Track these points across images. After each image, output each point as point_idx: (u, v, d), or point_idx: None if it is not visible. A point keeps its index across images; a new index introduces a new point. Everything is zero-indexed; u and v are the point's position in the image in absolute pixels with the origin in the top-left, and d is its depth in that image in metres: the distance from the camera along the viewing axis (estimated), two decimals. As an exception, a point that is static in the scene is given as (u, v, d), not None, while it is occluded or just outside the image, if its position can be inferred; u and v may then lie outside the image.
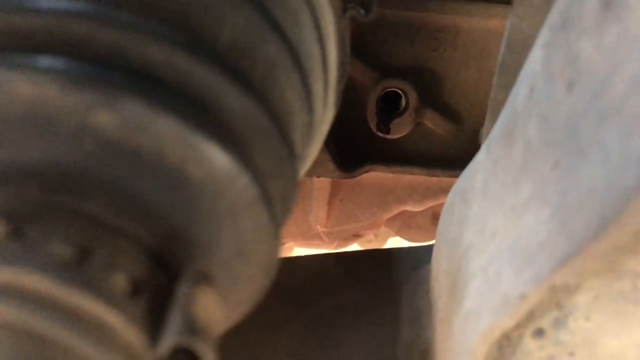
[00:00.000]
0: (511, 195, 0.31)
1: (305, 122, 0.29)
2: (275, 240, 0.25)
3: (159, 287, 0.22)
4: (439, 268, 0.40)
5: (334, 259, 0.53)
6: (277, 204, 0.26)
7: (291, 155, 0.26)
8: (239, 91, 0.23)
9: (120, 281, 0.21)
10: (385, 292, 0.49)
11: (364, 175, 0.71)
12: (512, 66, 0.37)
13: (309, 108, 0.29)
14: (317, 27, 0.30)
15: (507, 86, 0.37)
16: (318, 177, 0.69)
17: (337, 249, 0.85)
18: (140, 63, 0.21)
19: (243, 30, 0.24)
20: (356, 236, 0.82)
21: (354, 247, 0.90)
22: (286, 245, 0.84)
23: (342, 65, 0.35)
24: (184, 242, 0.24)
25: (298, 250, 0.91)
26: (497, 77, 0.38)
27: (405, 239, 0.85)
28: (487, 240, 0.32)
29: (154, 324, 0.21)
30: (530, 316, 0.28)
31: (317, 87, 0.31)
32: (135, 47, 0.21)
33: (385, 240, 0.94)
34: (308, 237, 0.82)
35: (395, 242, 0.94)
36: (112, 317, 0.20)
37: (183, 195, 0.23)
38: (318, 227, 0.81)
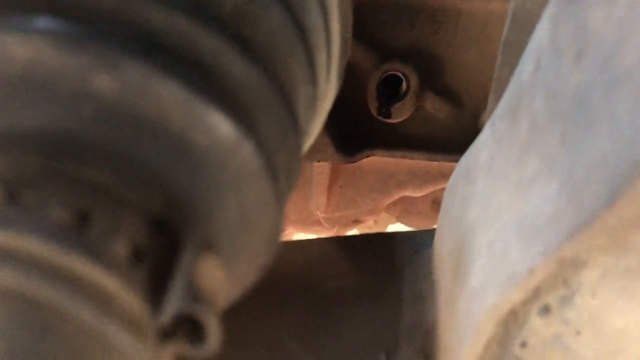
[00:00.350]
0: (517, 172, 0.31)
1: (309, 94, 0.29)
2: (279, 213, 0.25)
3: (161, 254, 0.22)
4: (443, 248, 0.39)
5: (335, 242, 0.52)
6: (282, 176, 0.26)
7: (296, 127, 0.26)
8: (243, 58, 0.23)
9: (121, 247, 0.20)
10: (387, 275, 0.48)
11: (364, 160, 0.70)
12: (516, 44, 0.37)
13: (313, 80, 0.29)
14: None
15: (511, 64, 0.37)
16: (318, 161, 0.68)
17: (337, 234, 0.84)
18: (143, 26, 0.21)
19: (246, -1, 0.24)
20: (356, 222, 0.82)
21: (354, 233, 0.90)
22: (286, 231, 0.84)
23: (344, 41, 0.34)
24: (187, 210, 0.23)
25: (298, 236, 0.91)
26: (501, 55, 0.38)
27: (406, 224, 0.85)
28: (492, 217, 0.31)
29: (155, 291, 0.21)
30: (537, 292, 0.28)
31: (321, 60, 0.30)
32: (137, 10, 0.20)
33: (385, 226, 0.94)
34: (308, 223, 0.82)
35: (396, 228, 0.94)
36: (112, 283, 0.20)
37: (186, 162, 0.22)
38: (318, 213, 0.80)
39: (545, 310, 0.29)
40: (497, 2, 0.61)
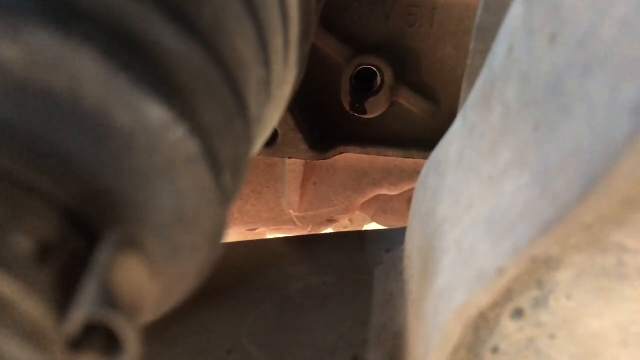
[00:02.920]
0: (488, 164, 0.28)
1: (261, 77, 0.26)
2: (222, 205, 0.22)
3: (73, 252, 0.19)
4: (412, 246, 0.37)
5: (303, 241, 0.50)
6: (226, 164, 0.23)
7: (243, 111, 0.23)
8: (179, 31, 0.20)
9: (23, 244, 0.18)
10: (357, 275, 0.46)
11: (338, 158, 0.69)
12: (490, 29, 0.35)
13: (266, 62, 0.26)
14: (276, -25, 0.27)
15: (485, 51, 0.35)
16: (290, 157, 0.66)
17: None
18: None
19: (187, -34, 0.21)
20: (330, 221, 0.80)
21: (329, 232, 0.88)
22: (258, 230, 0.82)
23: (306, 22, 0.32)
24: (109, 202, 0.20)
25: (271, 236, 0.89)
26: (474, 42, 0.36)
27: (381, 224, 0.83)
28: (462, 212, 0.29)
29: (63, 296, 0.18)
30: (508, 294, 0.26)
31: (276, 42, 0.28)
32: None
33: (361, 226, 0.92)
34: (280, 222, 0.80)
35: (372, 227, 0.92)
36: (7, 286, 0.17)
37: (107, 146, 0.20)
38: (291, 211, 0.78)
39: (518, 313, 0.27)
40: (473, -6, 0.59)
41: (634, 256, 0.25)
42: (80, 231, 0.20)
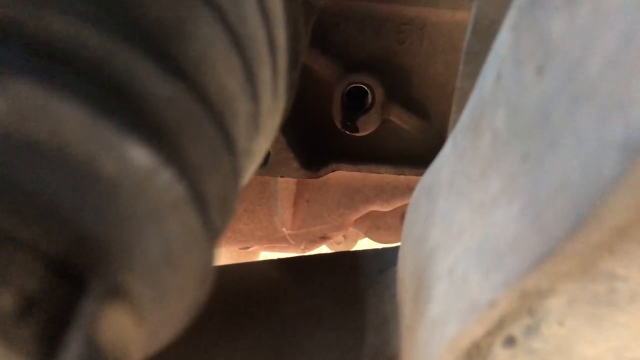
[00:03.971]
0: (479, 190, 0.28)
1: (250, 111, 0.26)
2: (210, 245, 0.22)
3: (58, 303, 0.18)
4: (405, 270, 0.37)
5: (295, 263, 0.50)
6: (214, 203, 0.23)
7: (230, 148, 0.23)
8: (163, 72, 0.20)
9: (6, 299, 0.17)
10: (350, 297, 0.46)
11: (330, 175, 0.69)
12: (479, 53, 0.35)
13: (253, 96, 0.26)
14: (262, 7, 0.27)
15: (474, 75, 0.35)
16: (282, 176, 0.66)
17: (304, 251, 0.82)
18: (40, 38, 0.18)
19: (172, 6, 0.21)
20: (323, 238, 0.80)
21: (322, 249, 0.88)
22: (251, 249, 0.81)
23: (294, 51, 0.32)
24: (95, 250, 0.20)
25: (264, 254, 0.88)
26: (463, 66, 0.36)
27: (374, 240, 0.83)
28: (453, 239, 0.29)
29: (46, 350, 0.17)
30: (500, 323, 0.26)
31: (264, 74, 0.28)
32: (33, 20, 0.17)
33: (354, 241, 0.92)
34: (273, 240, 0.79)
35: (365, 243, 0.92)
36: None
37: (92, 194, 0.19)
38: (284, 229, 0.78)
39: (510, 341, 0.26)
40: (463, 12, 0.59)
41: (625, 283, 0.25)
42: (65, 280, 0.19)
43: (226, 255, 0.88)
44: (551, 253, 0.21)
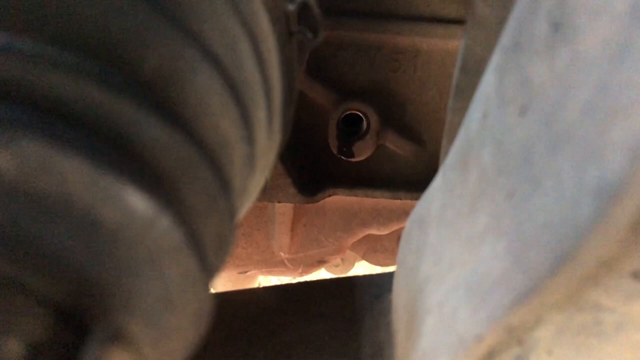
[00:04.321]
0: (467, 225, 0.29)
1: (246, 153, 0.27)
2: (207, 286, 0.23)
3: (63, 349, 0.19)
4: (398, 300, 0.38)
5: (292, 290, 0.51)
6: (211, 244, 0.24)
7: (226, 189, 0.24)
8: (163, 123, 0.21)
9: (13, 347, 0.18)
10: (347, 323, 0.47)
11: (327, 200, 0.70)
12: (467, 89, 0.36)
13: (249, 138, 0.27)
14: (257, 52, 0.28)
15: (463, 109, 0.36)
16: (279, 202, 0.67)
17: (301, 275, 0.83)
18: (45, 97, 0.19)
19: (170, 57, 0.22)
20: (321, 262, 0.80)
21: (321, 272, 0.88)
22: (249, 273, 0.82)
23: (289, 90, 0.33)
24: (97, 295, 0.21)
25: (262, 278, 0.89)
26: (452, 101, 0.37)
27: (372, 262, 0.84)
28: (443, 272, 0.30)
29: (54, 397, 0.18)
30: (489, 355, 0.26)
31: (260, 115, 0.29)
32: (38, 79, 0.19)
33: (352, 264, 0.92)
34: (271, 264, 0.80)
35: (363, 266, 0.92)
36: None
37: (95, 242, 0.20)
38: (281, 253, 0.79)
39: (500, 372, 0.27)
40: (455, 41, 0.61)
41: (611, 314, 0.26)
42: (69, 326, 0.20)
43: (224, 280, 0.88)
44: (534, 290, 0.22)
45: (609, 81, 0.20)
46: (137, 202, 0.20)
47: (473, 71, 0.36)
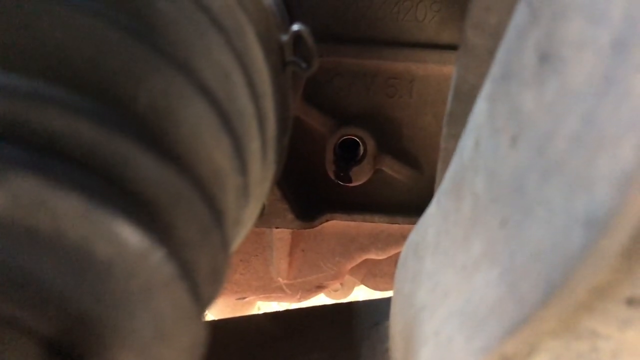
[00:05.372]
0: (462, 253, 0.29)
1: (239, 184, 0.27)
2: (200, 319, 0.23)
3: None
4: (396, 327, 0.38)
5: (289, 317, 0.50)
6: (204, 276, 0.24)
7: (219, 221, 0.24)
8: (156, 158, 0.21)
9: None
10: (345, 350, 0.46)
11: (325, 224, 0.70)
12: (460, 116, 0.36)
13: (243, 169, 0.27)
14: (251, 84, 0.28)
15: (456, 136, 0.36)
16: (277, 227, 0.67)
17: (300, 301, 0.82)
18: (38, 133, 0.19)
19: (163, 92, 0.23)
20: (320, 287, 0.80)
21: (320, 297, 0.88)
22: (247, 299, 0.81)
23: (284, 120, 0.33)
24: (90, 329, 0.21)
25: (260, 304, 0.88)
26: (446, 127, 0.37)
27: (371, 287, 0.83)
28: (439, 301, 0.30)
29: None
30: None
31: (253, 146, 0.29)
32: (31, 115, 0.19)
33: (351, 289, 0.92)
34: (269, 290, 0.80)
35: (362, 290, 0.92)
36: None
37: (87, 277, 0.20)
38: (280, 279, 0.78)
39: (497, 401, 0.27)
40: (450, 66, 0.61)
41: (607, 341, 0.26)
42: (61, 359, 0.20)
43: (222, 306, 0.88)
44: (527, 320, 0.22)
45: (595, 113, 0.20)
46: (129, 235, 0.20)
47: (465, 99, 0.36)
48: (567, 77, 0.22)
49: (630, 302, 0.23)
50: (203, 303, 0.23)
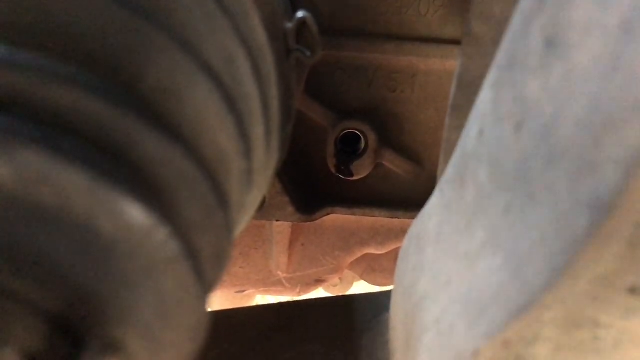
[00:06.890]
0: (465, 241, 0.29)
1: (243, 168, 0.27)
2: (203, 299, 0.23)
3: (59, 359, 0.19)
4: (396, 318, 0.38)
5: (291, 308, 0.50)
6: (207, 259, 0.24)
7: (223, 204, 0.24)
8: (160, 137, 0.21)
9: (9, 356, 0.18)
10: (345, 342, 0.46)
11: (326, 218, 0.69)
12: (464, 107, 0.36)
13: (247, 153, 0.27)
14: (256, 68, 0.28)
15: (460, 127, 0.36)
16: (277, 220, 0.67)
17: (299, 295, 0.82)
18: (45, 108, 0.19)
19: (169, 71, 0.23)
20: (319, 281, 0.80)
21: (319, 291, 0.88)
22: (246, 292, 0.81)
23: (287, 108, 0.33)
24: (93, 306, 0.21)
25: (259, 297, 0.88)
26: (449, 118, 0.37)
27: (370, 282, 0.83)
28: (440, 289, 0.30)
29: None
30: (487, 371, 0.26)
31: (258, 131, 0.29)
32: (38, 91, 0.19)
33: (350, 284, 0.92)
34: (269, 283, 0.80)
35: (361, 285, 0.92)
36: None
37: (92, 253, 0.20)
38: (279, 272, 0.78)
39: (498, 389, 0.27)
40: (452, 61, 0.61)
41: (609, 330, 0.26)
42: (65, 336, 0.20)
43: (221, 299, 0.88)
44: (531, 304, 0.22)
45: (602, 96, 0.20)
46: (134, 213, 0.20)
47: (469, 89, 0.36)
48: (573, 61, 0.22)
49: (633, 291, 0.23)
50: (206, 284, 0.23)
